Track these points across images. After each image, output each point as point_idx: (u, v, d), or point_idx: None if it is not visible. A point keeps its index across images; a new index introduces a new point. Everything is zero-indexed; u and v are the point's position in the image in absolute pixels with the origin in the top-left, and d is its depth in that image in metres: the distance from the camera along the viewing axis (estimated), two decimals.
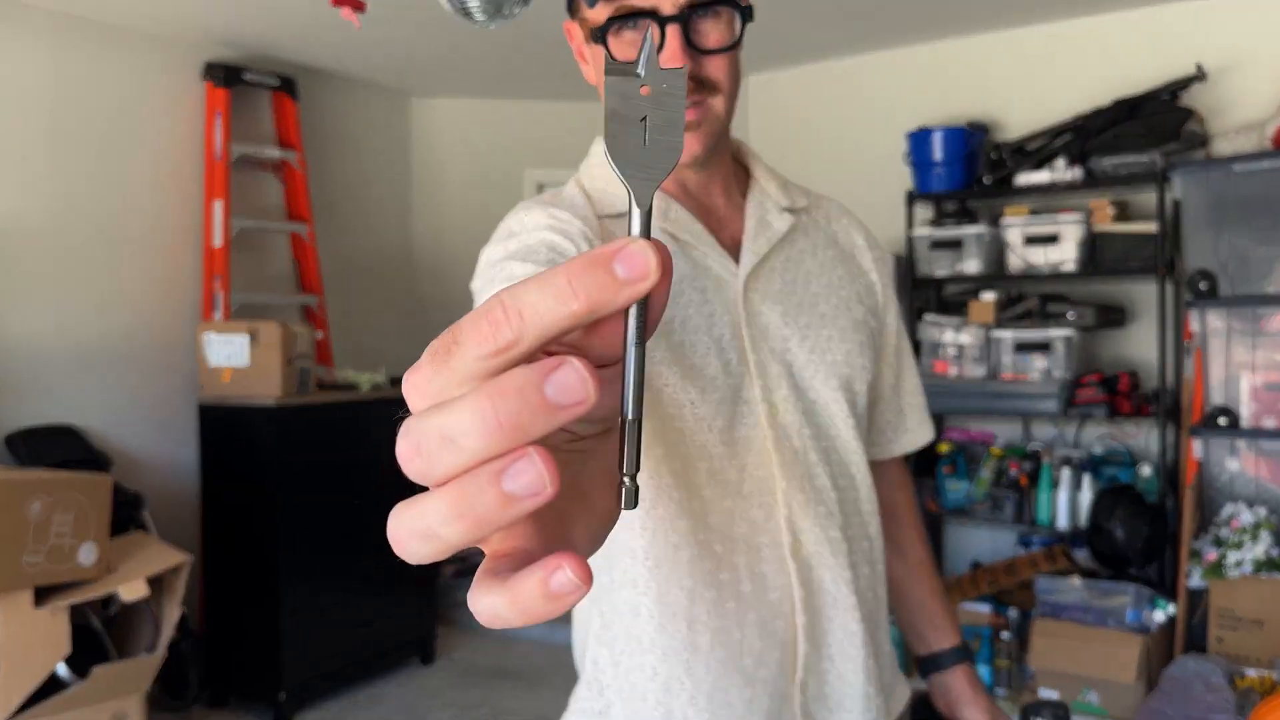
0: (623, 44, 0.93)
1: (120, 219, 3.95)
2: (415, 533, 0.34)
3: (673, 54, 0.90)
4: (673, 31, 0.91)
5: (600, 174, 1.04)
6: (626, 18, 0.91)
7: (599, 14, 0.93)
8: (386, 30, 3.98)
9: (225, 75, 4.13)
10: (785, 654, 0.97)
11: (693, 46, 0.92)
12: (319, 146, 4.70)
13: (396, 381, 4.27)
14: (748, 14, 0.95)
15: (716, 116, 0.96)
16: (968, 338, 3.89)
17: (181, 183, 4.15)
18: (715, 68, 0.94)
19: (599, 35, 0.92)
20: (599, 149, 1.06)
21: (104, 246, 3.89)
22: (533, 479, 0.31)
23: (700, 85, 0.94)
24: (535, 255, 0.89)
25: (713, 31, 0.93)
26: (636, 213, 0.36)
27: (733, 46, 0.94)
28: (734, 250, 1.03)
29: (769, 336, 1.01)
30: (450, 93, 5.18)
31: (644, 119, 0.37)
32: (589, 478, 0.37)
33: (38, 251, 3.69)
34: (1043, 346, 3.78)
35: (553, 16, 3.75)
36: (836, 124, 4.56)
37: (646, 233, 0.36)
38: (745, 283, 1.01)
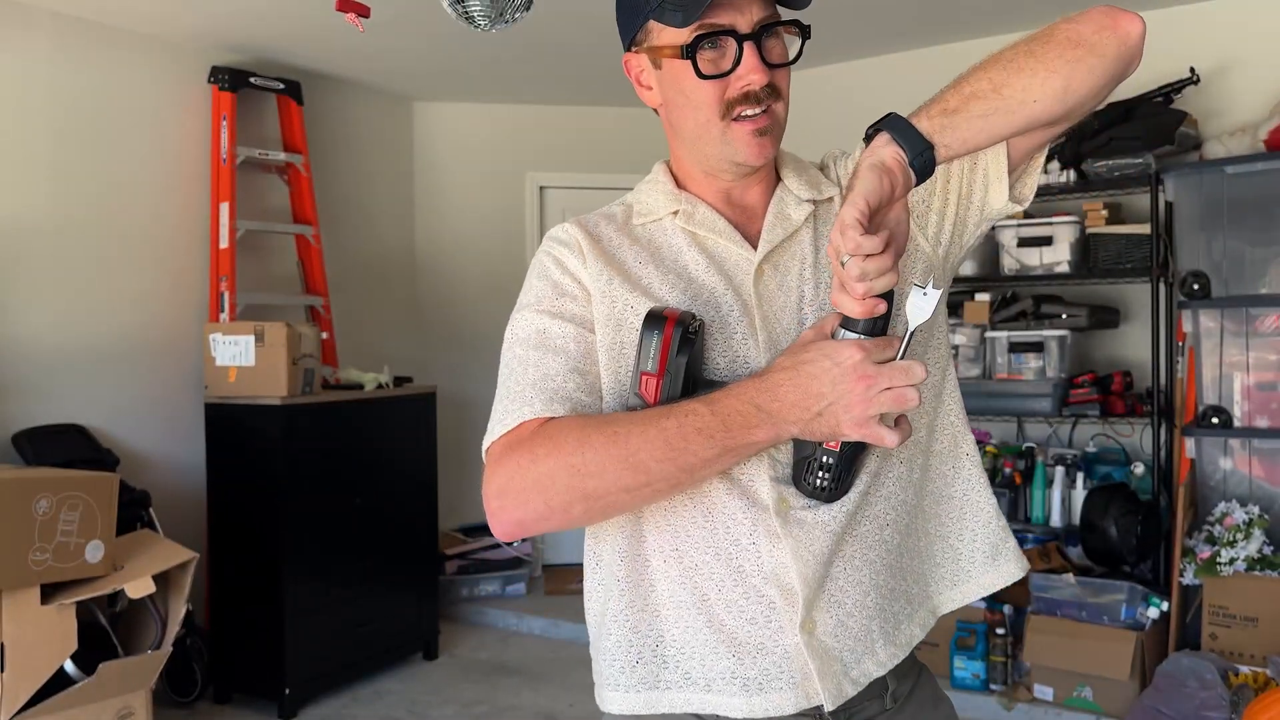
0: (706, 61, 1.05)
1: (128, 220, 3.99)
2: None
3: (751, 67, 1.04)
4: (750, 48, 1.04)
5: (647, 189, 1.19)
6: (709, 35, 1.04)
7: (685, 35, 1.04)
8: (390, 35, 4.03)
9: (231, 79, 4.18)
10: (777, 596, 1.04)
11: (764, 61, 1.05)
12: (323, 150, 4.75)
13: (400, 381, 4.31)
14: (807, 32, 1.08)
15: (779, 122, 1.10)
16: (963, 338, 3.93)
17: (188, 185, 4.20)
18: (781, 79, 1.08)
19: (688, 53, 1.04)
20: (659, 168, 1.20)
21: (112, 247, 3.94)
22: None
23: (771, 92, 1.07)
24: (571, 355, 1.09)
25: (776, 48, 1.07)
26: None
27: (794, 60, 1.09)
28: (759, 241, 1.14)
29: (782, 318, 1.09)
30: (452, 97, 5.22)
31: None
32: None
33: (46, 252, 3.74)
34: (1037, 347, 3.81)
35: (554, 21, 3.80)
36: (832, 128, 4.56)
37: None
38: (759, 267, 1.10)
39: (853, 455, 1.00)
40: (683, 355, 0.98)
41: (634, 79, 1.15)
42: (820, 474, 1.00)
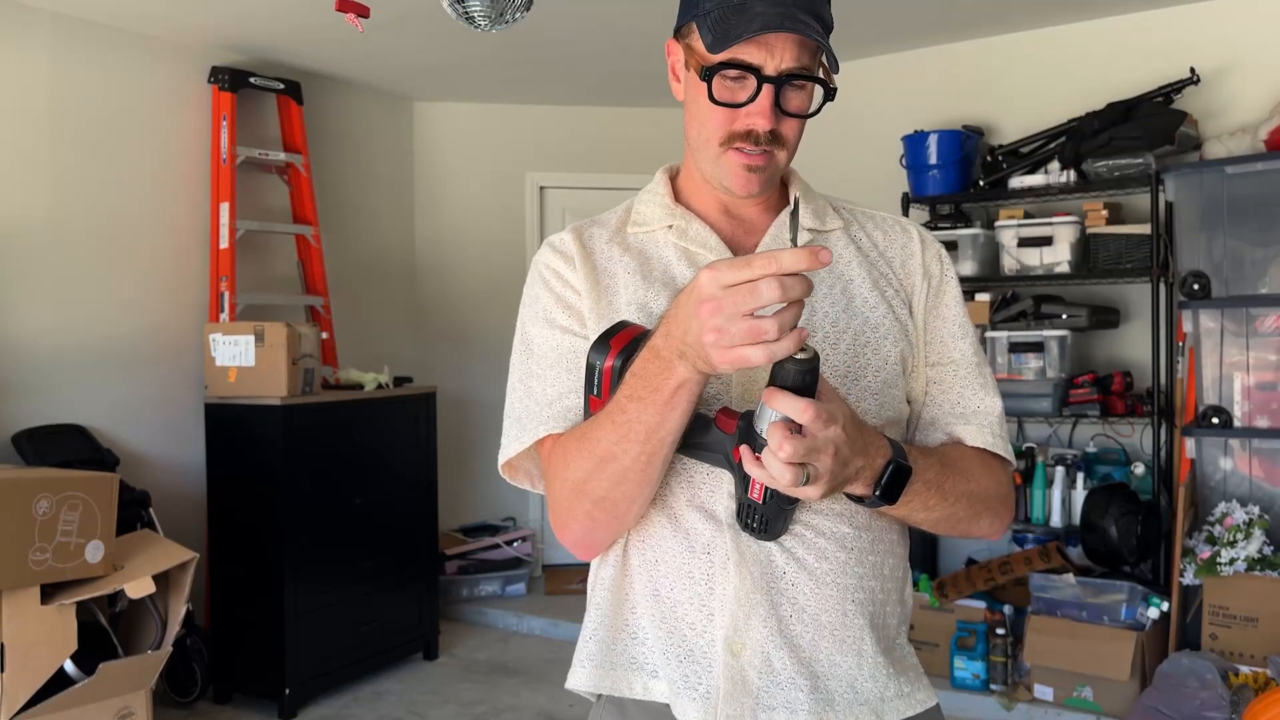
0: (724, 88, 1.05)
1: (128, 221, 3.99)
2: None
3: (760, 109, 1.04)
4: (767, 91, 1.04)
5: (646, 199, 1.20)
6: (734, 65, 1.03)
7: (711, 56, 1.04)
8: (389, 35, 4.03)
9: (231, 79, 4.18)
10: (716, 608, 1.05)
11: (779, 108, 1.05)
12: (323, 150, 4.75)
13: (400, 381, 4.31)
14: (831, 95, 1.08)
15: (777, 166, 1.10)
16: None
17: (188, 185, 4.20)
18: (789, 128, 1.08)
19: (706, 75, 1.05)
20: (660, 177, 1.21)
21: (112, 247, 3.94)
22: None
23: (773, 138, 1.07)
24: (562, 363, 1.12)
25: (796, 99, 1.07)
26: None
27: (809, 115, 1.09)
28: None
29: None
30: (452, 97, 5.22)
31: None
32: None
33: (47, 252, 3.74)
34: (1037, 347, 3.81)
35: (554, 21, 3.80)
36: (832, 128, 4.56)
37: None
38: None
39: (777, 505, 0.97)
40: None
41: (670, 66, 1.16)
42: (750, 514, 0.98)
